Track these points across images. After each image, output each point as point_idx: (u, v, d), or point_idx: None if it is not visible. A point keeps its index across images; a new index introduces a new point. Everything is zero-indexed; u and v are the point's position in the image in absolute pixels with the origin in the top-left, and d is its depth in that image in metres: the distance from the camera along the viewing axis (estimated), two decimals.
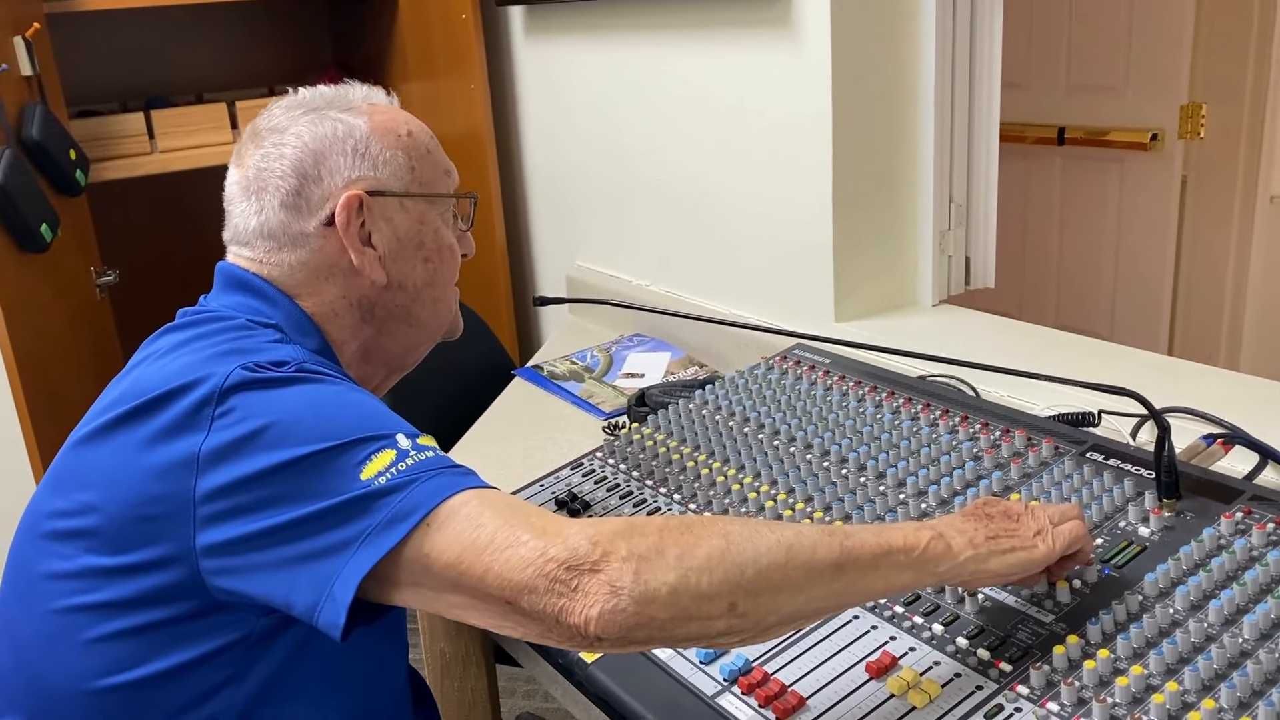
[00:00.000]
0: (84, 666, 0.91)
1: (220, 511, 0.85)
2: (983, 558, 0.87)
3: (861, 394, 1.33)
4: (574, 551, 0.76)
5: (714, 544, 0.78)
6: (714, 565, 0.77)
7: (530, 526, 0.79)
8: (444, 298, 1.12)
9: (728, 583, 0.77)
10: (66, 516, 0.92)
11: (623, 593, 0.75)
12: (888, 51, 1.60)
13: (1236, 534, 0.96)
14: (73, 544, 0.91)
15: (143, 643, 0.90)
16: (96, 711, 0.91)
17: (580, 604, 0.75)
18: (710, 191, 1.84)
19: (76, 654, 0.91)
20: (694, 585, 0.76)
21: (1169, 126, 3.02)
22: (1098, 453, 1.12)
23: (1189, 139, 3.04)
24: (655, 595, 0.75)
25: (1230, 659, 0.83)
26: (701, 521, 0.81)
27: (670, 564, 0.76)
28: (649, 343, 1.95)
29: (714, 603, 0.77)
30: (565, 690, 1.08)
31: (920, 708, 0.87)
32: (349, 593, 0.81)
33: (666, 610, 0.76)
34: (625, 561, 0.75)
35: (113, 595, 0.89)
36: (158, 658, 0.90)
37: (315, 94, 1.09)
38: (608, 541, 0.76)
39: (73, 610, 0.91)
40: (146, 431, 0.89)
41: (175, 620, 0.89)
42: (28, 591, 0.95)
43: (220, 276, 1.07)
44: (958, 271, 1.75)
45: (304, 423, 0.86)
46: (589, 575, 0.75)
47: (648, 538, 0.77)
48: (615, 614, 0.74)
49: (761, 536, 0.80)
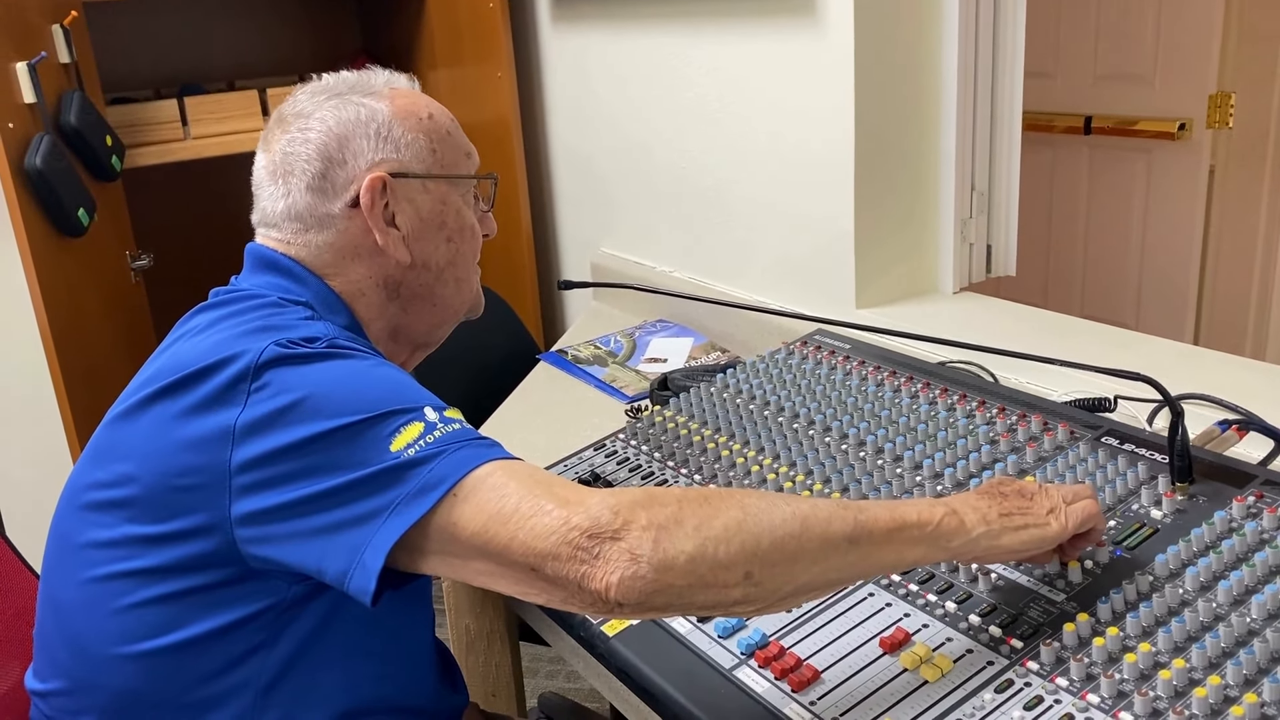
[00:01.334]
0: (120, 631, 0.94)
1: (255, 482, 0.89)
2: (996, 534, 0.89)
3: (880, 379, 1.35)
4: (596, 520, 0.79)
5: (731, 515, 0.81)
6: (731, 535, 0.80)
7: (553, 496, 0.82)
8: (466, 277, 1.15)
9: (744, 552, 0.80)
10: (106, 487, 0.96)
11: (642, 560, 0.77)
12: (910, 38, 1.61)
13: (1247, 517, 0.98)
14: (113, 513, 0.95)
15: (178, 608, 0.93)
16: (132, 675, 0.95)
17: (602, 570, 0.78)
18: (733, 179, 1.86)
19: (114, 619, 0.95)
20: (711, 554, 0.79)
21: (1197, 116, 3.00)
22: (1113, 437, 1.14)
23: (1217, 129, 3.02)
24: (674, 563, 0.78)
25: (1238, 638, 0.85)
26: (719, 493, 0.83)
27: (689, 533, 0.79)
28: (672, 328, 1.98)
29: (730, 571, 0.80)
30: (587, 663, 1.10)
31: (932, 681, 0.89)
32: (379, 560, 0.84)
33: (684, 578, 0.78)
34: (645, 530, 0.78)
35: (150, 562, 0.93)
36: (192, 623, 0.93)
37: (338, 79, 1.12)
38: (628, 510, 0.79)
39: (111, 577, 0.95)
40: (182, 405, 0.92)
41: (210, 587, 0.93)
42: (69, 561, 0.98)
43: (250, 258, 1.10)
44: (979, 259, 1.76)
45: (336, 396, 0.89)
46: (610, 543, 0.78)
47: (667, 507, 0.80)
48: (635, 580, 0.77)
49: (777, 509, 0.82)
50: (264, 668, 0.96)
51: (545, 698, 2.29)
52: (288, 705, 0.97)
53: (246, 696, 0.96)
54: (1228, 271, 3.16)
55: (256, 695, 0.96)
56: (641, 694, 0.99)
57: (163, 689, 0.95)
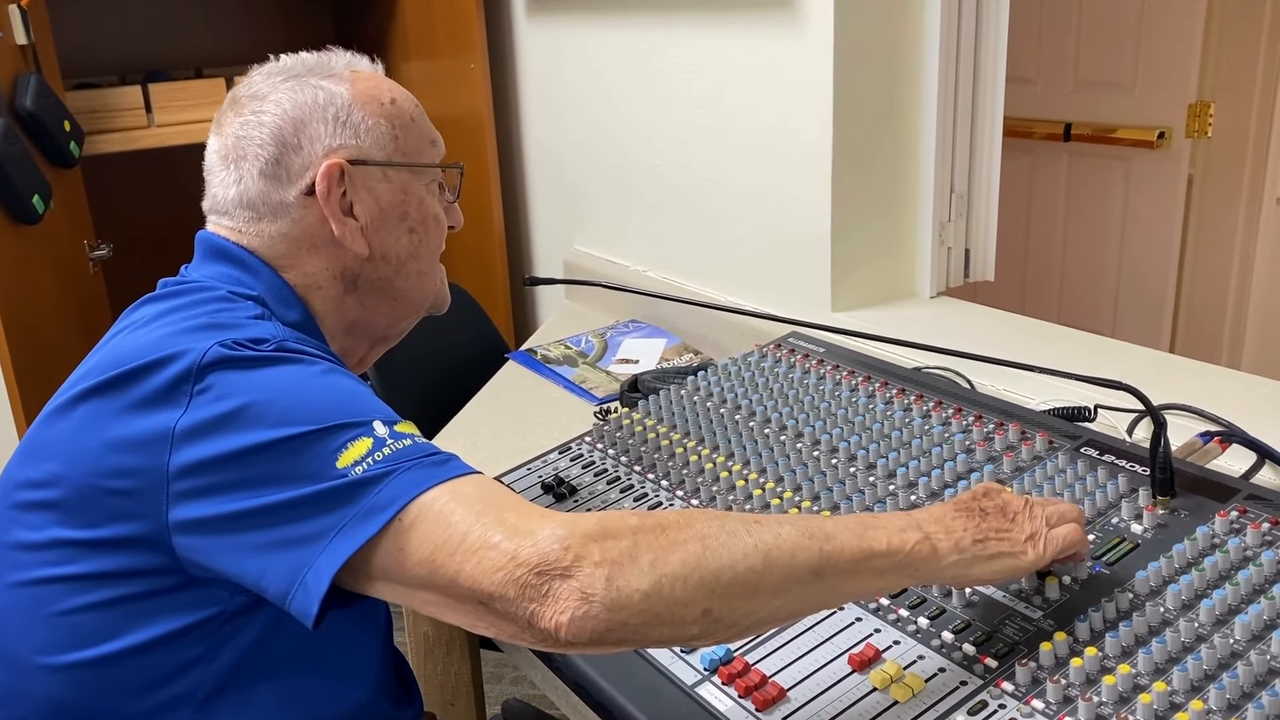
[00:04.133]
0: (50, 640, 0.89)
1: (194, 488, 0.84)
2: (967, 563, 0.85)
3: (855, 384, 1.31)
4: (545, 555, 0.74)
5: (689, 549, 0.76)
6: (689, 571, 0.75)
7: (502, 525, 0.77)
8: (429, 270, 1.11)
9: (703, 588, 0.75)
10: (35, 487, 0.91)
11: (594, 599, 0.73)
12: (891, 38, 1.57)
13: (1230, 533, 0.94)
14: (41, 515, 0.90)
15: (113, 617, 0.88)
16: (61, 687, 0.89)
17: (551, 609, 0.73)
18: (709, 177, 1.82)
19: (43, 627, 0.89)
20: (668, 591, 0.74)
21: (1177, 125, 3.00)
22: (1092, 448, 1.10)
23: (1196, 138, 3.02)
24: (628, 602, 0.73)
25: (1221, 660, 0.81)
26: (677, 523, 0.78)
27: (644, 569, 0.74)
28: (644, 329, 1.93)
29: (688, 608, 0.75)
30: (545, 676, 1.06)
31: (902, 702, 0.85)
32: (323, 584, 0.80)
33: (639, 616, 0.74)
34: (598, 567, 0.73)
35: (83, 568, 0.88)
36: (128, 632, 0.88)
37: (297, 60, 1.07)
38: (580, 545, 0.74)
39: (41, 582, 0.89)
40: (119, 403, 0.87)
41: (147, 595, 0.88)
42: None
43: (201, 246, 1.05)
44: (957, 263, 1.72)
45: (280, 405, 0.84)
46: (560, 580, 0.73)
47: (621, 541, 0.75)
48: (586, 620, 0.73)
49: (738, 539, 0.78)
50: (203, 681, 0.91)
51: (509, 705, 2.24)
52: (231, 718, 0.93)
53: (184, 711, 0.91)
54: (1205, 281, 3.16)
55: (194, 710, 0.91)
56: (599, 710, 0.95)
57: (95, 702, 0.90)
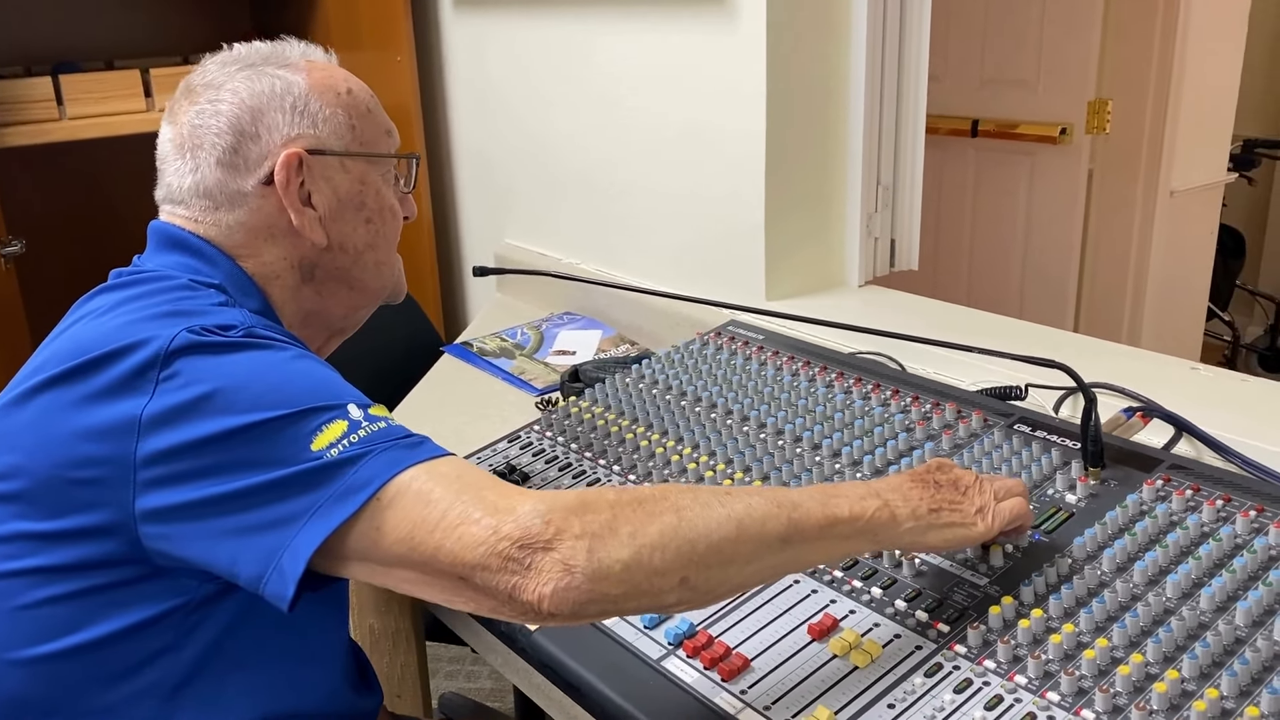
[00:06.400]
0: (13, 634, 0.88)
1: (162, 476, 0.83)
2: (922, 530, 0.89)
3: (795, 369, 1.35)
4: (526, 530, 0.76)
5: (666, 520, 0.79)
6: (667, 542, 0.78)
7: (482, 502, 0.78)
8: (386, 260, 1.11)
9: (680, 558, 0.78)
10: None
11: (576, 570, 0.75)
12: (820, 36, 1.62)
13: (1158, 500, 1.01)
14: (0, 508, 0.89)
15: (77, 608, 0.87)
16: (24, 682, 0.88)
17: (534, 582, 0.75)
18: (641, 171, 1.85)
19: (5, 622, 0.88)
20: (647, 561, 0.77)
21: (1077, 121, 3.12)
22: (1025, 425, 1.16)
23: (1096, 134, 3.14)
24: (609, 572, 0.76)
25: (1155, 616, 0.87)
26: (653, 496, 0.81)
27: (624, 541, 0.77)
28: (579, 320, 1.95)
29: (666, 577, 0.78)
30: (507, 659, 1.08)
31: (862, 667, 0.89)
32: (299, 565, 0.80)
33: (619, 586, 0.76)
34: (579, 539, 0.76)
35: (45, 561, 0.87)
36: (93, 624, 0.87)
37: (251, 50, 1.07)
38: (560, 519, 0.76)
39: (3, 576, 0.88)
40: (82, 391, 0.86)
41: (111, 586, 0.87)
42: None
43: (155, 236, 1.04)
44: (883, 253, 1.78)
45: (252, 390, 0.85)
46: (542, 553, 0.75)
47: (600, 514, 0.77)
48: (569, 591, 0.75)
49: (712, 510, 0.81)
50: (170, 672, 0.90)
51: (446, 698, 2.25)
52: (195, 712, 0.92)
53: (150, 703, 0.90)
54: (1105, 268, 3.29)
55: (161, 702, 0.91)
56: (567, 689, 0.97)
57: (59, 696, 0.89)
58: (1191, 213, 3.34)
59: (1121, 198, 3.26)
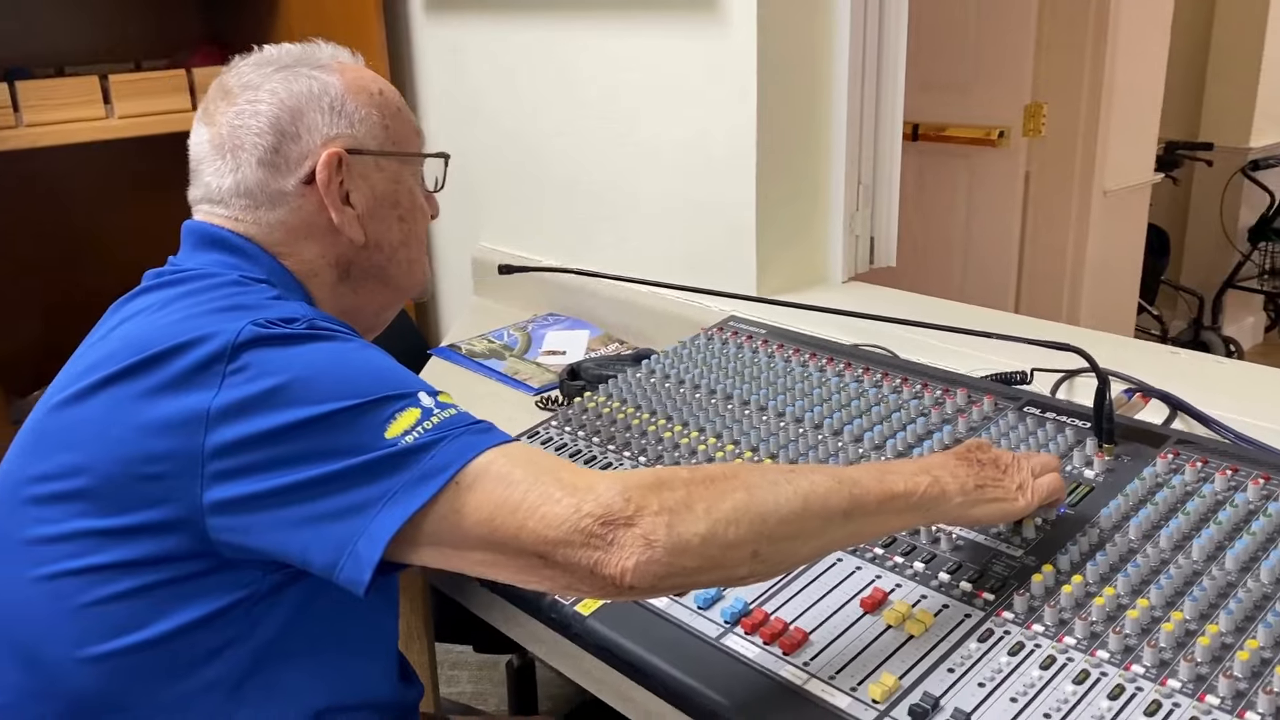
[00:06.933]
0: (80, 632, 0.88)
1: (233, 468, 0.84)
2: (970, 504, 0.94)
3: (803, 359, 1.40)
4: (608, 507, 0.79)
5: (738, 496, 0.82)
6: (739, 516, 0.81)
7: (560, 483, 0.81)
8: (418, 258, 1.14)
9: (752, 532, 0.82)
10: (51, 479, 0.89)
11: (657, 545, 0.78)
12: (807, 40, 1.67)
13: (1171, 472, 1.07)
14: (60, 507, 0.89)
15: (145, 604, 0.88)
16: (94, 679, 0.88)
17: (616, 556, 0.78)
18: (631, 173, 1.88)
19: (71, 620, 0.88)
20: (722, 535, 0.80)
21: (1014, 124, 3.23)
22: (1034, 407, 1.22)
23: (1032, 137, 3.26)
24: (687, 546, 0.79)
25: (1186, 578, 0.93)
26: (724, 473, 0.84)
27: (699, 516, 0.80)
28: (565, 321, 1.98)
29: (739, 550, 0.81)
30: (553, 647, 1.10)
31: (917, 636, 0.93)
32: (376, 551, 0.82)
33: (696, 559, 0.80)
34: (658, 515, 0.79)
35: (112, 557, 0.87)
36: (160, 619, 0.88)
37: (282, 51, 1.08)
38: (640, 496, 0.79)
39: (66, 574, 0.88)
40: (144, 387, 0.87)
41: (178, 580, 0.88)
42: (7, 559, 0.91)
43: (192, 236, 1.04)
44: (864, 250, 1.84)
45: (324, 380, 0.86)
46: (624, 529, 0.78)
47: (676, 491, 0.81)
48: (650, 564, 0.78)
49: (779, 487, 0.84)
50: (235, 665, 0.91)
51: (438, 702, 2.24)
52: (258, 704, 0.93)
53: (216, 697, 0.91)
54: (1043, 265, 3.42)
55: (226, 695, 0.91)
56: (628, 670, 0.99)
57: (128, 693, 0.89)
58: (1123, 211, 3.49)
59: (1057, 197, 3.39)
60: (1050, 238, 3.43)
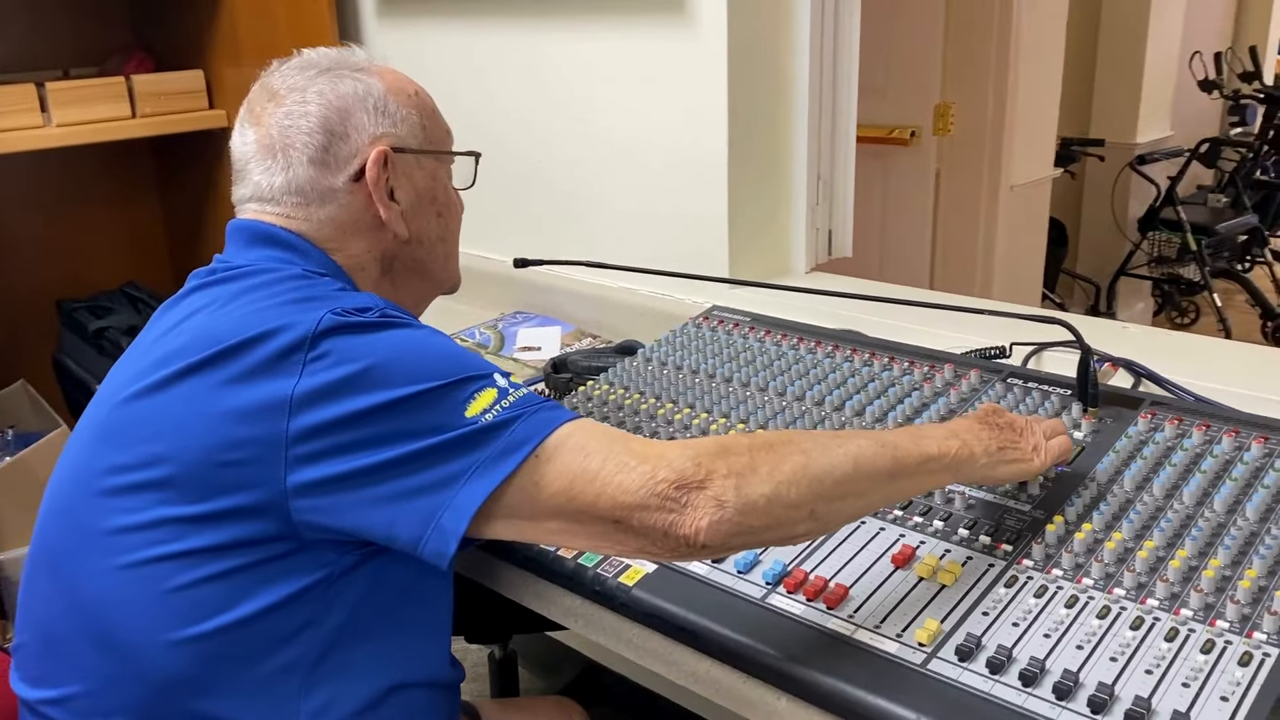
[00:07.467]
0: (165, 617, 0.90)
1: (317, 451, 0.88)
2: (994, 464, 1.03)
3: (793, 343, 1.47)
4: (681, 472, 0.85)
5: (796, 460, 0.89)
6: (799, 478, 0.88)
7: (633, 452, 0.87)
8: (454, 252, 1.19)
9: (810, 493, 0.89)
10: (130, 470, 0.92)
11: (728, 505, 0.85)
12: (771, 43, 1.76)
13: (1153, 430, 1.18)
14: (141, 496, 0.91)
15: (228, 587, 0.91)
16: (183, 661, 0.91)
17: (690, 517, 0.84)
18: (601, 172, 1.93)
19: (156, 605, 0.90)
20: (784, 496, 0.87)
21: (925, 124, 3.38)
22: (1017, 378, 1.33)
23: (942, 135, 3.42)
24: (755, 506, 0.86)
25: (1182, 521, 1.04)
26: (781, 440, 0.91)
27: (764, 478, 0.87)
28: (534, 319, 2.02)
29: (799, 510, 0.89)
30: (591, 619, 1.13)
31: (949, 585, 1.01)
32: (462, 523, 0.86)
33: (762, 518, 0.87)
34: (727, 478, 0.85)
35: (196, 543, 0.90)
36: (243, 601, 0.91)
37: (320, 55, 1.11)
38: (709, 461, 0.86)
39: (150, 561, 0.90)
40: (224, 376, 0.90)
41: (260, 563, 0.91)
42: (90, 550, 0.93)
43: (242, 234, 1.07)
44: (823, 242, 1.94)
45: (404, 364, 0.90)
46: (696, 491, 0.85)
47: (741, 456, 0.88)
48: (721, 523, 0.84)
49: (831, 450, 0.92)
50: (312, 646, 0.95)
51: None
52: (334, 683, 0.97)
53: (296, 677, 0.95)
54: (955, 259, 3.59)
55: (305, 675, 0.95)
56: (678, 635, 1.05)
57: (213, 674, 0.92)
58: (1027, 205, 3.68)
59: (967, 193, 3.56)
60: (961, 231, 3.59)
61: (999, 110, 3.47)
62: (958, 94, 3.45)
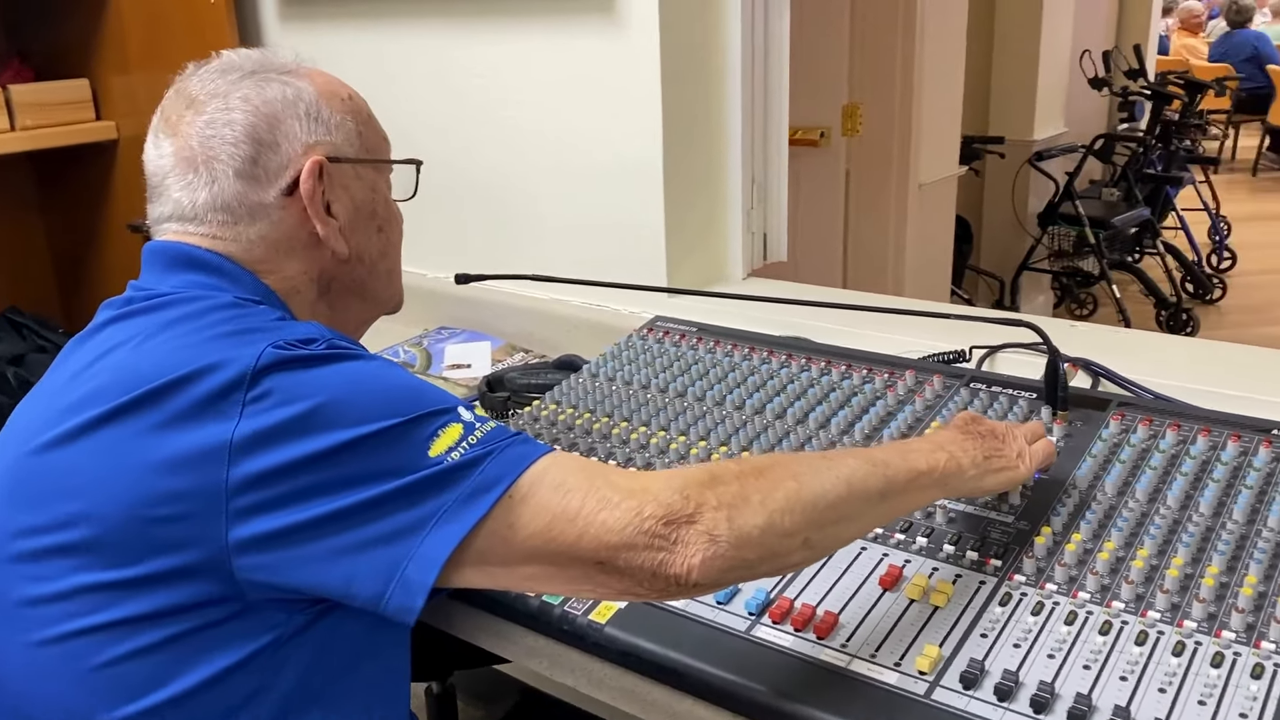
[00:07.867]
0: (93, 698, 0.80)
1: (262, 501, 0.79)
2: (981, 475, 0.99)
3: (745, 352, 1.42)
4: (669, 507, 0.78)
5: (788, 486, 0.83)
6: (792, 505, 0.82)
7: (615, 487, 0.80)
8: (396, 269, 1.10)
9: (804, 520, 0.83)
10: (42, 533, 0.81)
11: (720, 540, 0.78)
12: (701, 43, 1.70)
13: (1126, 432, 1.16)
14: (56, 563, 0.81)
15: (165, 659, 0.81)
16: None
17: (681, 554, 0.78)
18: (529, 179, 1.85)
19: (81, 685, 0.80)
20: (778, 525, 0.81)
21: (834, 125, 3.39)
22: (980, 383, 1.29)
23: (850, 136, 3.43)
24: (749, 538, 0.80)
25: (1170, 527, 1.01)
26: (770, 465, 0.85)
27: (756, 508, 0.81)
28: (460, 334, 1.93)
29: (793, 539, 0.83)
30: (556, 660, 1.05)
31: (943, 607, 0.97)
32: (429, 574, 0.78)
33: (756, 551, 0.80)
34: (718, 510, 0.79)
35: (124, 612, 0.80)
36: (182, 674, 0.81)
37: (243, 56, 1.02)
38: (697, 493, 0.80)
39: (70, 636, 0.80)
40: (150, 422, 0.80)
41: (199, 630, 0.82)
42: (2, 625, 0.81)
43: (161, 257, 0.96)
44: (758, 247, 1.89)
45: (358, 401, 0.82)
46: (686, 527, 0.78)
47: (730, 485, 0.81)
48: (715, 559, 0.78)
49: (822, 474, 0.86)
50: (263, 712, 0.85)
51: None
52: None
53: None
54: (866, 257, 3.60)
55: None
56: (656, 673, 0.98)
57: None
58: (935, 203, 3.72)
59: (877, 192, 3.57)
60: (871, 229, 3.60)
61: (906, 110, 3.49)
62: (865, 94, 3.46)
